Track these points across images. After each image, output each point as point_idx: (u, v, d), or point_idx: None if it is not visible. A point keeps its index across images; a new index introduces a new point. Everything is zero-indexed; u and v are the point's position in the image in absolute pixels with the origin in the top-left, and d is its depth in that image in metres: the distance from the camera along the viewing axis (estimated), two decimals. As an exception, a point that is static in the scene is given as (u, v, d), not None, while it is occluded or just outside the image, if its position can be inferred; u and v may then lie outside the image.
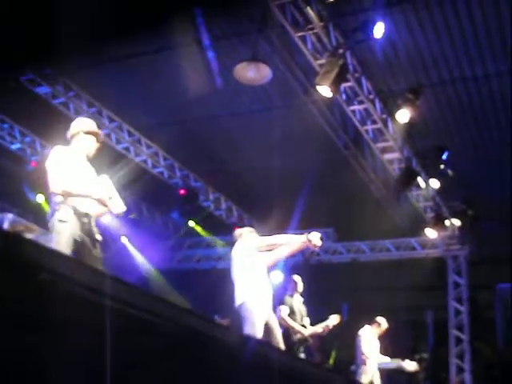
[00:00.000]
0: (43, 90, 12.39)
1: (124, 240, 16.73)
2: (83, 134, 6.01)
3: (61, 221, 5.52)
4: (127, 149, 14.17)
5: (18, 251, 2.79)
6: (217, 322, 7.29)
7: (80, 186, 5.70)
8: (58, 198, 5.63)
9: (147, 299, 3.76)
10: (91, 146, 6.04)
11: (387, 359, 11.84)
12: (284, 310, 9.33)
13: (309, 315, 9.66)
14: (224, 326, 6.60)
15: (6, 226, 5.76)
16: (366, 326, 11.75)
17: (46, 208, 6.98)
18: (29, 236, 6.22)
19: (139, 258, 17.16)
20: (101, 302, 3.25)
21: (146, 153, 14.49)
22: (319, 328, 9.66)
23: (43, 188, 5.90)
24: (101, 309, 3.24)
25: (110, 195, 5.84)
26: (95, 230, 5.73)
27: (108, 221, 15.80)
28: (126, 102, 13.10)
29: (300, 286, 9.77)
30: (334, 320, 9.71)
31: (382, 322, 11.81)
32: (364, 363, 11.38)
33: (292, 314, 9.40)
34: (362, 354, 11.45)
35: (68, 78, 12.50)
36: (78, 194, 5.65)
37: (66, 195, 5.61)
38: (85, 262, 5.11)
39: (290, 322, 9.27)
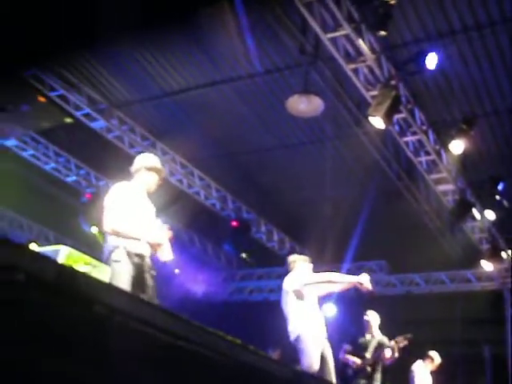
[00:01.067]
0: (98, 124, 12.62)
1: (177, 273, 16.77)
2: (145, 169, 6.04)
3: (115, 261, 5.59)
4: (180, 181, 14.31)
5: (71, 284, 2.82)
6: (271, 357, 7.24)
7: (132, 228, 5.71)
8: (112, 238, 5.67)
9: (202, 333, 3.75)
10: (152, 181, 6.06)
11: None
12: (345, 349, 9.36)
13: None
14: (278, 361, 6.54)
15: (60, 258, 5.81)
16: (419, 361, 11.52)
17: (101, 239, 7.10)
18: (83, 269, 6.27)
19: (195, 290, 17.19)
20: (155, 335, 3.26)
21: (199, 184, 14.60)
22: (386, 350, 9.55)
23: (97, 220, 5.97)
24: (155, 342, 3.25)
25: (162, 241, 5.81)
26: (149, 266, 5.75)
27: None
28: (178, 135, 13.24)
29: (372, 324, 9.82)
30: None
31: (435, 357, 11.55)
32: None
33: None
34: None
35: (122, 111, 12.72)
36: (128, 236, 5.67)
37: (117, 235, 5.64)
38: (139, 296, 5.15)
39: (345, 356, 9.22)
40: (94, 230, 13.50)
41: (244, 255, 16.36)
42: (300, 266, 7.60)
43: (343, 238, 13.79)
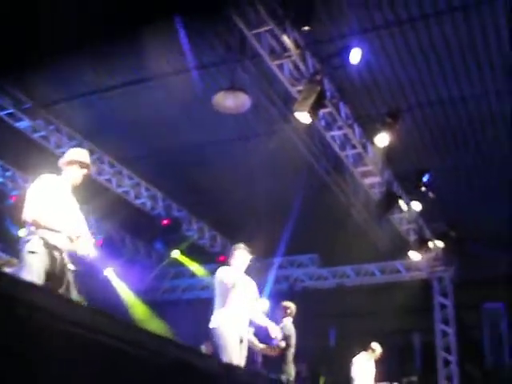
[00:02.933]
0: (23, 124, 12.38)
1: (108, 272, 16.60)
2: (73, 163, 6.08)
3: (30, 252, 5.49)
4: (109, 180, 14.16)
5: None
6: (199, 352, 7.26)
7: (52, 218, 5.67)
8: (30, 228, 5.62)
9: (132, 331, 3.74)
10: (77, 175, 6.08)
11: None
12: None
13: (296, 342, 9.64)
14: (206, 355, 6.57)
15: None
16: (362, 353, 11.75)
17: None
18: (7, 270, 6.16)
19: (123, 290, 17.04)
20: (82, 334, 3.23)
21: (128, 184, 14.48)
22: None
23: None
24: (82, 342, 3.22)
25: (80, 234, 5.82)
26: (66, 261, 5.70)
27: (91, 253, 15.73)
28: (106, 133, 13.10)
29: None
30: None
31: (377, 347, 11.83)
32: None
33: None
34: (353, 380, 11.46)
35: (47, 111, 12.50)
36: (47, 226, 5.64)
37: (37, 226, 5.60)
38: (58, 293, 5.09)
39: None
40: (22, 232, 13.23)
41: (176, 253, 16.34)
42: (238, 255, 7.68)
43: (274, 233, 13.89)
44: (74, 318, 3.23)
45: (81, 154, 6.22)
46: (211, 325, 7.30)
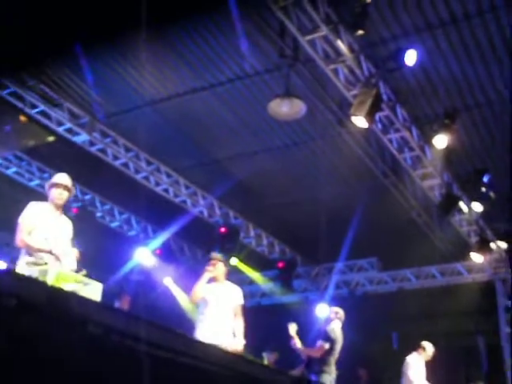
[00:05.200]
0: (81, 138, 12.55)
1: (167, 282, 16.72)
2: (49, 187, 6.85)
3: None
4: (166, 190, 14.27)
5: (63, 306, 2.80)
6: (266, 365, 7.27)
7: (38, 241, 6.44)
8: (23, 253, 6.42)
9: (195, 346, 3.73)
10: (58, 196, 6.80)
11: None
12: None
13: (359, 346, 9.62)
14: (275, 370, 6.56)
15: (50, 278, 5.77)
16: (414, 353, 11.63)
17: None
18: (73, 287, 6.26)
19: (183, 298, 17.12)
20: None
21: (185, 193, 14.56)
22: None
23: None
24: (152, 359, 3.22)
25: (65, 252, 6.51)
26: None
27: (150, 264, 15.90)
28: (161, 144, 13.22)
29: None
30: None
31: (427, 347, 11.67)
32: None
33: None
34: (410, 379, 11.34)
35: (104, 124, 12.66)
36: (35, 248, 6.39)
37: (27, 248, 6.41)
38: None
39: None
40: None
41: (234, 260, 16.36)
42: (214, 265, 8.02)
43: (333, 238, 13.80)
44: (143, 336, 3.23)
45: (62, 177, 6.94)
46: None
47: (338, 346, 9.62)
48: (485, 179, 12.57)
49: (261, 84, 11.47)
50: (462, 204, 13.10)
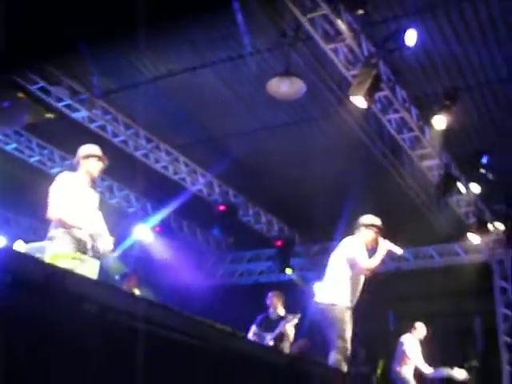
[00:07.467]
0: (80, 114, 12.54)
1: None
2: (84, 158, 6.54)
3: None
4: (166, 168, 14.28)
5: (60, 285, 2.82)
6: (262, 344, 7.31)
7: (74, 216, 6.12)
8: (55, 225, 6.09)
9: (193, 324, 3.76)
10: (93, 168, 6.53)
11: (428, 367, 11.68)
12: None
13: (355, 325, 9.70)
14: (269, 348, 6.59)
15: (47, 255, 5.78)
16: (407, 334, 11.73)
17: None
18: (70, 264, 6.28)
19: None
20: (148, 330, 3.26)
21: (185, 171, 14.58)
22: None
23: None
24: (148, 337, 3.25)
25: (101, 232, 6.26)
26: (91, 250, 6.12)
27: (149, 240, 15.97)
28: (161, 121, 13.21)
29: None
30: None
31: (419, 327, 11.75)
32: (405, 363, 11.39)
33: None
34: (407, 357, 11.44)
35: (104, 101, 12.64)
36: (69, 224, 6.08)
37: (60, 223, 6.05)
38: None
39: None
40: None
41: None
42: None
43: (331, 217, 13.80)
44: (140, 314, 3.26)
45: (95, 148, 6.69)
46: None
47: None
48: (484, 160, 12.57)
49: (261, 62, 11.43)
50: (460, 185, 13.11)
